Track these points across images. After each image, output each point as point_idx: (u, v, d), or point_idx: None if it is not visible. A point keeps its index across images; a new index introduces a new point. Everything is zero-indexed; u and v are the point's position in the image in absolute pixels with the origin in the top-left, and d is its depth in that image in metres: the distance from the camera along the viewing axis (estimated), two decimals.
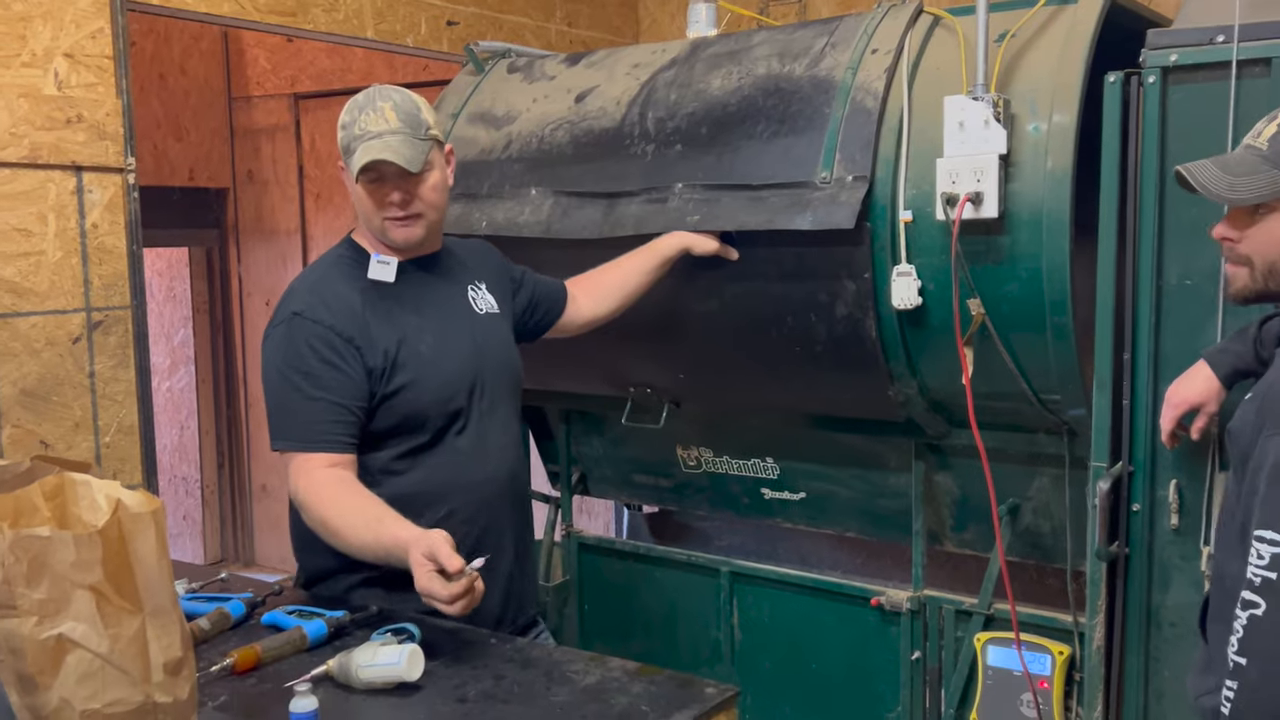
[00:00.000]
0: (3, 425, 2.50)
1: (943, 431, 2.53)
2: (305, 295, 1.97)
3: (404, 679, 1.57)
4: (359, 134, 1.92)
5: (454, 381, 2.01)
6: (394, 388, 1.94)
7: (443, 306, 2.07)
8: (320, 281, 2.00)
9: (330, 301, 1.95)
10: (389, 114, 1.92)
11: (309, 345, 1.90)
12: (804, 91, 2.42)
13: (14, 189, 2.50)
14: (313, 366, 1.89)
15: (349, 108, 1.97)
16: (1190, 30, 2.03)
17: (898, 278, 2.28)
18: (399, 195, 1.95)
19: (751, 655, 2.95)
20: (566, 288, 2.43)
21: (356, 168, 1.91)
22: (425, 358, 1.98)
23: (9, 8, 2.47)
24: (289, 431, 1.91)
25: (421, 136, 1.94)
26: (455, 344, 2.04)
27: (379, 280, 1.99)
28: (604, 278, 2.46)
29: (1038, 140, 2.17)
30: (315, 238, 5.16)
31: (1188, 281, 2.07)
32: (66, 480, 1.31)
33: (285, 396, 1.92)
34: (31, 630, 1.18)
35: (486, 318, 2.14)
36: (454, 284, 2.12)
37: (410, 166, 1.91)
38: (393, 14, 3.38)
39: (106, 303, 2.68)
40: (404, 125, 1.92)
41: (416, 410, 1.96)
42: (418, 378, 1.96)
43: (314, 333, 1.90)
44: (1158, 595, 2.17)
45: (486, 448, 2.05)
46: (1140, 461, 2.15)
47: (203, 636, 1.77)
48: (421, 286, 2.05)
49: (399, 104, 1.94)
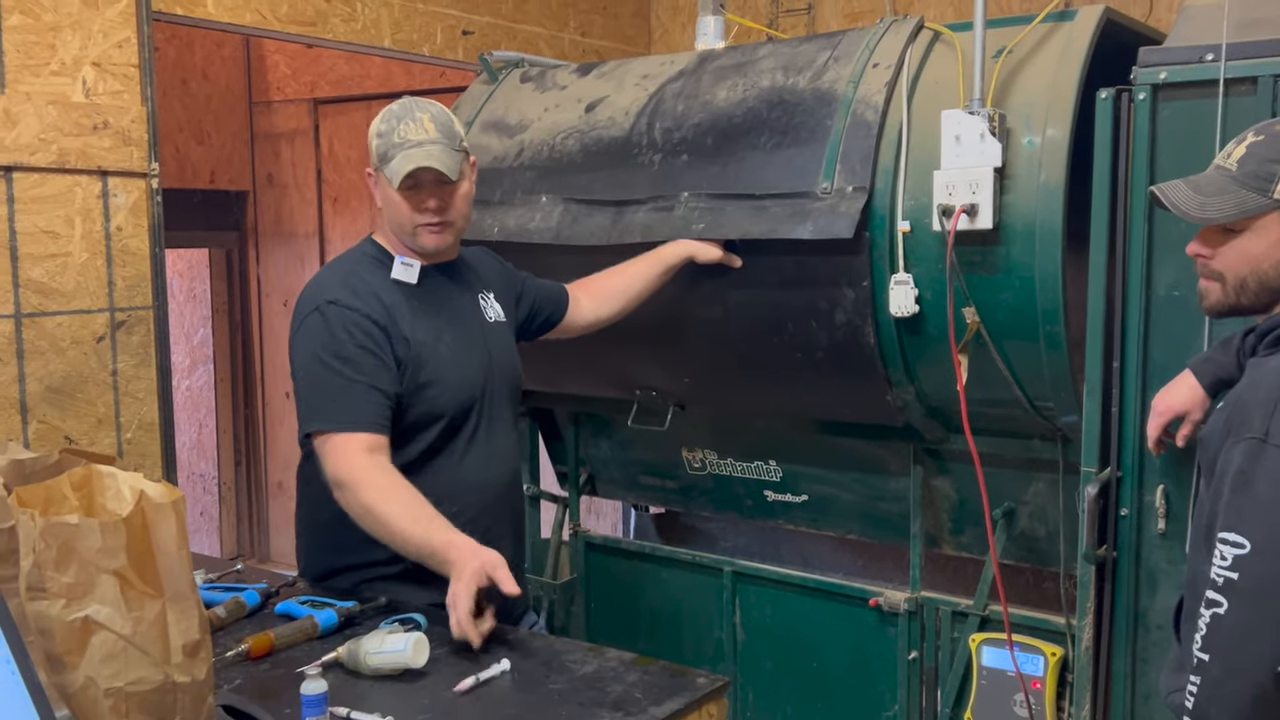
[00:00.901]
0: (29, 420, 2.59)
1: (941, 437, 2.59)
2: (337, 286, 2.01)
3: (410, 666, 1.64)
4: (398, 142, 1.98)
5: (469, 384, 2.08)
6: (417, 384, 2.00)
7: (459, 312, 2.14)
8: (350, 275, 2.05)
9: (361, 292, 2.00)
10: (428, 124, 1.99)
11: (346, 331, 1.94)
12: (807, 104, 2.48)
13: (42, 193, 2.59)
14: (350, 351, 1.93)
15: (384, 117, 2.03)
16: (1180, 49, 2.09)
17: (895, 286, 2.34)
18: (435, 202, 2.01)
19: (753, 654, 3.01)
20: (567, 291, 2.49)
21: (400, 174, 1.96)
22: (445, 358, 2.04)
23: (39, 19, 2.56)
24: (328, 414, 1.93)
25: (456, 147, 2.02)
26: (470, 349, 2.11)
27: (401, 280, 2.05)
28: (608, 281, 2.53)
29: (1032, 154, 2.23)
30: (333, 240, 5.25)
31: (1176, 292, 2.12)
32: (93, 472, 1.39)
33: (323, 380, 1.94)
34: (59, 612, 1.25)
35: (495, 325, 2.21)
36: (468, 291, 2.19)
37: (451, 175, 1.99)
38: (409, 24, 3.46)
39: (129, 303, 2.77)
40: (442, 136, 1.99)
41: (435, 409, 2.02)
42: (438, 377, 2.02)
43: (350, 319, 1.95)
44: (1145, 598, 2.22)
45: (492, 452, 2.12)
46: (1129, 467, 2.20)
47: (219, 624, 1.84)
48: (440, 291, 2.11)
49: (436, 116, 2.02)
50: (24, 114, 2.53)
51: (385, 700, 1.59)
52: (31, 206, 2.57)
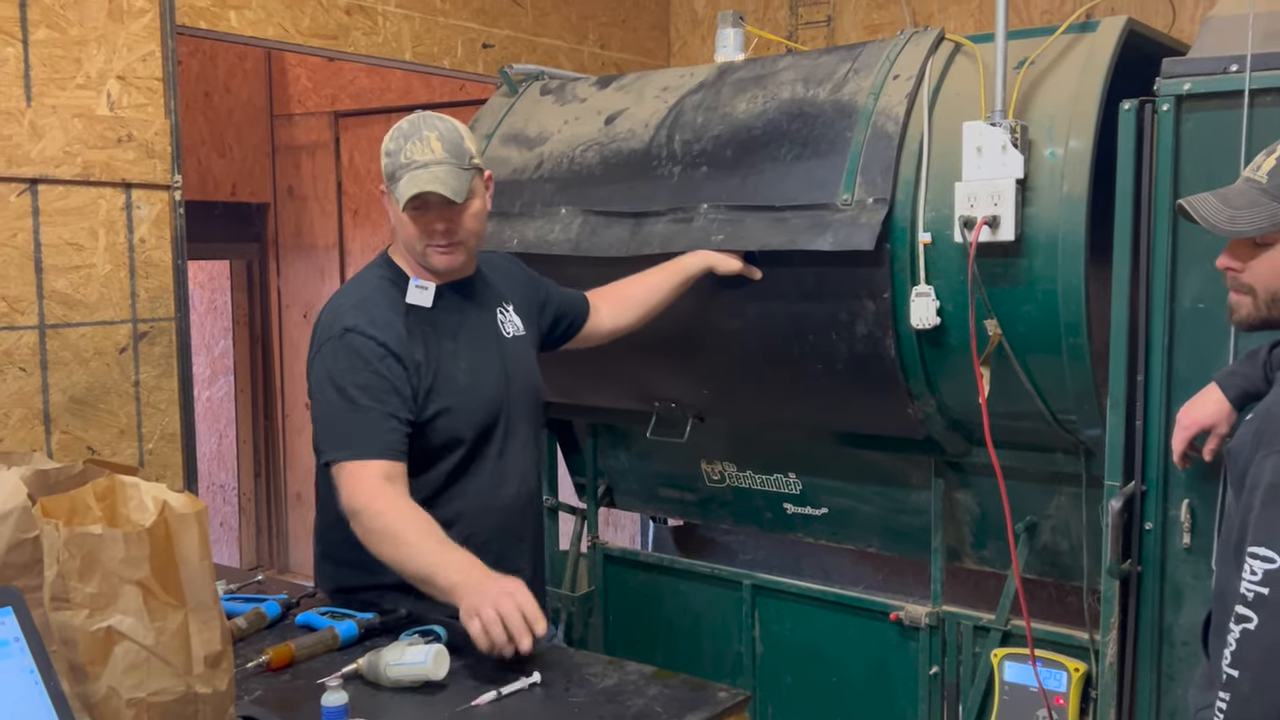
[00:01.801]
0: (53, 431, 2.60)
1: (962, 449, 2.57)
2: (353, 313, 2.01)
3: (430, 678, 1.64)
4: (405, 163, 1.95)
5: (485, 409, 2.06)
6: (431, 413, 1.99)
7: (476, 332, 2.12)
8: (366, 301, 2.04)
9: (378, 319, 1.99)
10: (434, 144, 1.95)
11: (363, 358, 1.94)
12: (827, 115, 2.48)
13: (67, 205, 2.61)
14: (367, 380, 1.93)
15: (393, 135, 2.00)
16: (1204, 59, 2.07)
17: (916, 298, 2.33)
18: (443, 225, 1.99)
19: (773, 668, 3.00)
20: (588, 299, 2.49)
21: (404, 197, 1.95)
22: (460, 385, 2.03)
23: (65, 32, 2.58)
24: (345, 442, 1.92)
25: (465, 166, 1.98)
26: (487, 372, 2.09)
27: (417, 305, 2.04)
28: (627, 290, 2.53)
29: (1054, 165, 2.22)
30: (353, 253, 5.28)
31: (1201, 305, 2.10)
32: (116, 482, 1.40)
33: (339, 409, 1.94)
34: (83, 622, 1.26)
35: (514, 341, 2.20)
36: (485, 308, 2.17)
37: (456, 198, 1.95)
38: (430, 37, 3.48)
39: (152, 314, 2.79)
40: (449, 155, 1.96)
41: (453, 435, 2.01)
42: (454, 405, 2.01)
43: (367, 347, 1.94)
44: (1170, 614, 2.20)
45: (506, 473, 2.10)
46: (1153, 481, 2.18)
47: (240, 635, 1.85)
48: (456, 312, 2.10)
49: (444, 134, 1.98)
50: (50, 127, 2.55)
51: (405, 712, 1.59)
52: (56, 219, 2.59)
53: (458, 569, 1.78)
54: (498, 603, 1.67)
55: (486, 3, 3.66)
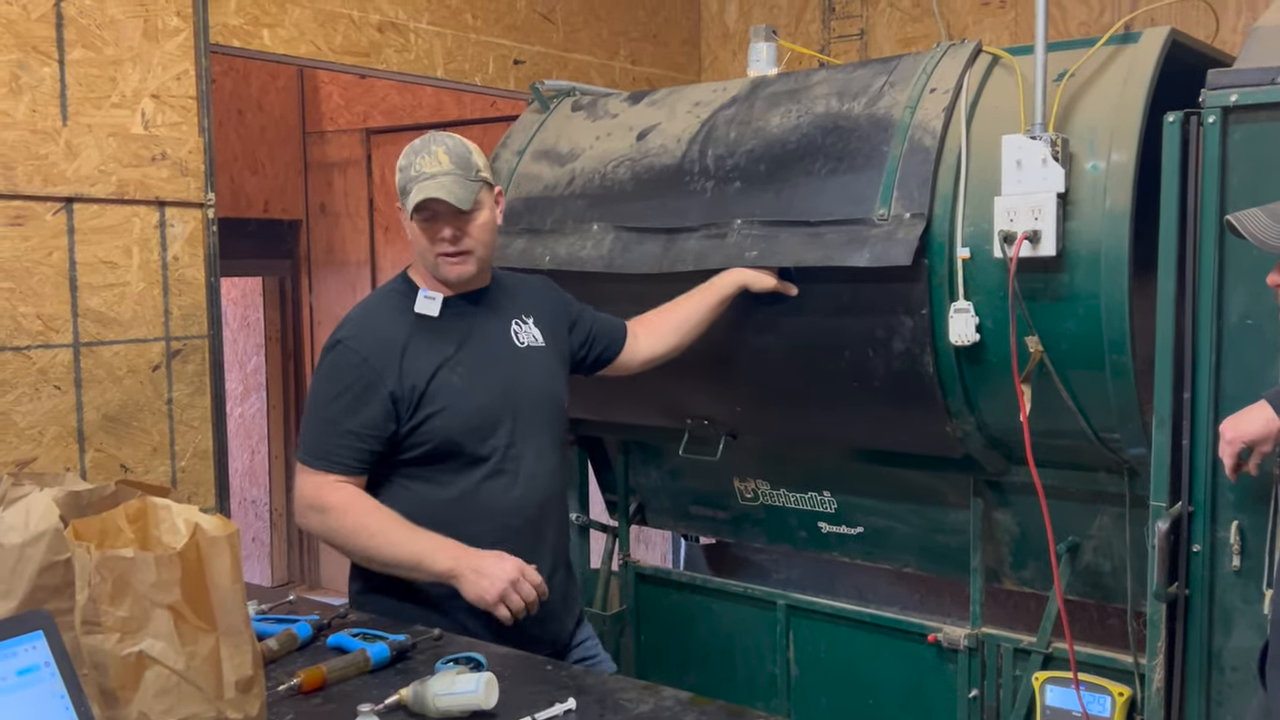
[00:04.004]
0: (87, 449, 2.61)
1: (1002, 468, 2.52)
2: (354, 323, 2.13)
3: (481, 707, 1.60)
4: (414, 175, 2.05)
5: (486, 411, 2.10)
6: (423, 416, 2.05)
7: (482, 339, 2.16)
8: (371, 312, 2.15)
9: (376, 330, 2.09)
10: (442, 157, 2.05)
11: (339, 372, 2.07)
12: (862, 130, 2.45)
13: (101, 223, 2.62)
14: (339, 397, 2.06)
15: (406, 152, 2.10)
16: (1251, 70, 2.03)
17: (955, 314, 2.29)
18: (450, 231, 2.07)
19: (808, 690, 2.95)
20: (628, 327, 2.48)
21: (411, 206, 2.04)
22: (457, 387, 2.08)
23: (101, 52, 2.60)
24: (310, 447, 2.09)
25: (472, 178, 2.07)
26: (490, 375, 2.13)
27: (424, 315, 2.12)
28: (662, 317, 2.51)
29: (1096, 179, 2.18)
30: (384, 269, 5.29)
31: (1249, 321, 2.05)
32: (148, 504, 1.38)
33: (314, 416, 2.11)
34: (114, 646, 1.25)
35: (527, 350, 2.22)
36: (498, 317, 2.21)
37: (460, 205, 2.03)
38: (462, 54, 3.48)
39: (185, 332, 2.79)
40: (455, 167, 2.05)
41: (447, 438, 2.07)
42: (448, 406, 2.07)
43: (349, 363, 2.06)
44: (1219, 638, 2.14)
45: (516, 477, 2.12)
46: (1200, 501, 2.13)
47: (271, 656, 1.83)
48: (464, 319, 2.15)
49: (451, 148, 2.07)
50: (85, 146, 2.56)
51: None
52: (91, 237, 2.60)
53: (444, 555, 1.98)
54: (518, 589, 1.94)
55: (518, 19, 3.66)
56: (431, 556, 1.98)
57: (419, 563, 1.99)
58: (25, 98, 2.48)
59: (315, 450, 2.06)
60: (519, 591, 1.94)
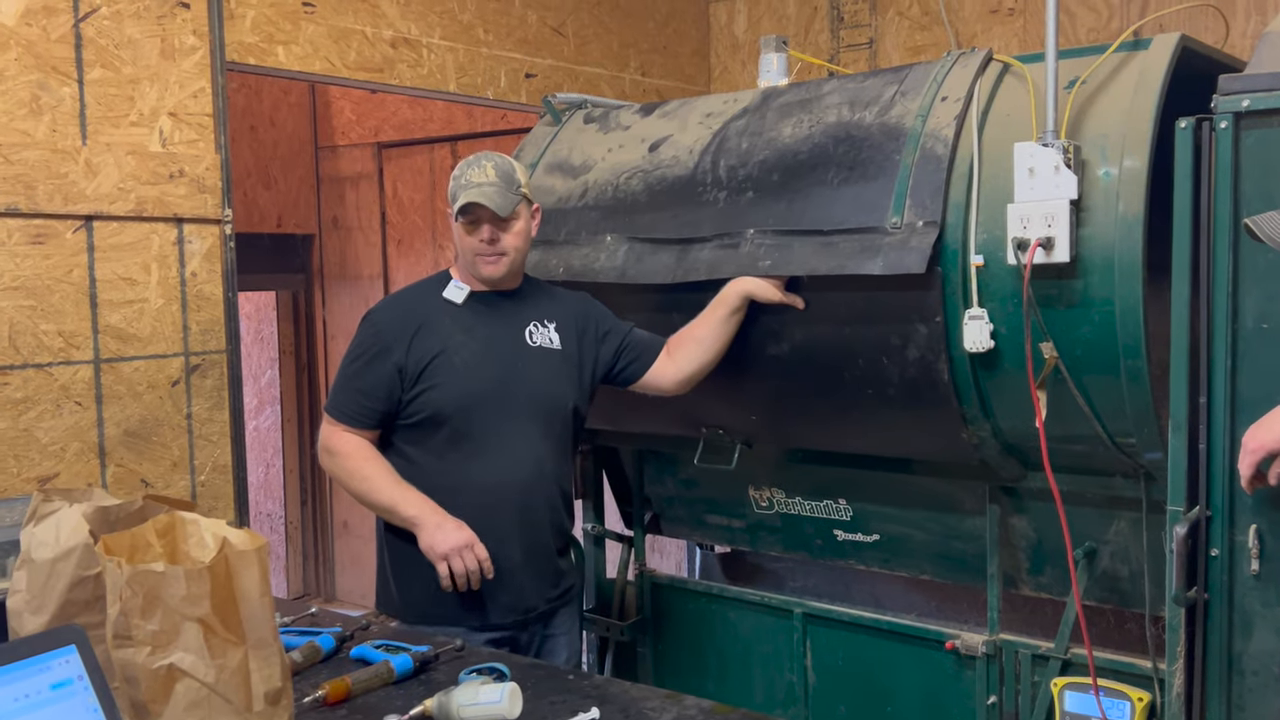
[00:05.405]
0: (108, 464, 2.63)
1: (1018, 474, 2.53)
2: (386, 301, 2.52)
3: (505, 717, 1.62)
4: (464, 184, 2.36)
5: (478, 393, 2.34)
6: (420, 389, 2.33)
7: (494, 332, 2.41)
8: (404, 294, 2.51)
9: (400, 308, 2.42)
10: (489, 170, 2.36)
11: (360, 341, 2.39)
12: (874, 138, 2.46)
13: (120, 240, 2.65)
14: (356, 360, 2.38)
15: (460, 165, 2.41)
16: (1263, 75, 2.03)
17: (969, 321, 2.30)
18: (489, 233, 2.36)
19: (825, 698, 2.95)
20: (661, 350, 2.57)
21: (457, 208, 2.35)
22: (454, 367, 2.35)
23: (119, 71, 2.63)
24: (331, 398, 2.42)
25: (513, 191, 2.37)
26: (491, 363, 2.37)
27: (449, 300, 2.41)
28: (682, 343, 2.57)
29: (1109, 185, 2.18)
30: (397, 282, 5.32)
31: (1264, 325, 2.05)
32: (176, 519, 1.40)
33: (339, 374, 2.43)
34: (145, 660, 1.26)
35: (540, 350, 2.44)
36: (517, 316, 2.45)
37: (500, 211, 2.33)
38: (474, 68, 3.51)
39: (203, 347, 2.82)
40: (500, 180, 2.36)
41: (438, 410, 2.33)
42: (443, 383, 2.33)
43: (370, 334, 2.38)
44: (1239, 642, 2.14)
45: (500, 458, 2.34)
46: (1218, 506, 2.13)
47: (295, 668, 1.84)
48: (483, 313, 2.42)
49: (498, 164, 2.39)
50: (104, 164, 2.59)
51: None
52: (110, 254, 2.63)
53: (414, 504, 2.28)
54: (463, 557, 2.22)
55: (529, 33, 3.69)
56: (404, 503, 2.28)
57: (394, 506, 2.29)
58: (45, 118, 2.51)
59: (333, 401, 2.39)
60: (462, 558, 2.21)
